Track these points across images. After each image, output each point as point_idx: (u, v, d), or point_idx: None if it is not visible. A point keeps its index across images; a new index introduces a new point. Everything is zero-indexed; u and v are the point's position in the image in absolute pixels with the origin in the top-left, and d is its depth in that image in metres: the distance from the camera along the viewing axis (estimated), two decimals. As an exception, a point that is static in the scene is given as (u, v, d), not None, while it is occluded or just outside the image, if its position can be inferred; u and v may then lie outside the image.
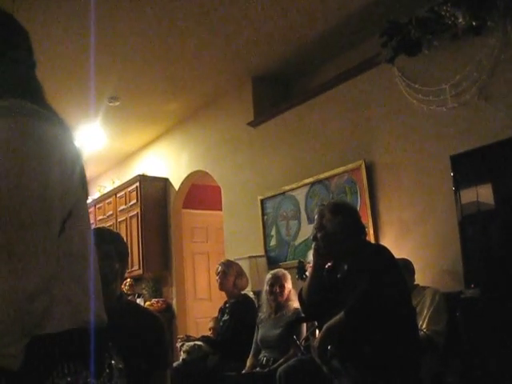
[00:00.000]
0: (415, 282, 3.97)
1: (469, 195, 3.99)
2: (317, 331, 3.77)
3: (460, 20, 4.00)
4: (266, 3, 4.77)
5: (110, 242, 2.47)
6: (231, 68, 6.10)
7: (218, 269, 5.04)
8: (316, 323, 3.77)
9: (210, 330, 5.72)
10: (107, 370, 1.21)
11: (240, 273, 5.03)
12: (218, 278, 4.98)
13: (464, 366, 3.65)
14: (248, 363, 4.48)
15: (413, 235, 3.49)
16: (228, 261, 5.17)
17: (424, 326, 3.67)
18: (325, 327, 2.76)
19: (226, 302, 5.06)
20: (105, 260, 2.37)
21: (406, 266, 3.87)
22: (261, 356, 4.43)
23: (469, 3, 3.95)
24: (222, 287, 4.97)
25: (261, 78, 6.33)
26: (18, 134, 1.09)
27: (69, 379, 1.09)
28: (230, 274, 4.93)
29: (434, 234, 4.32)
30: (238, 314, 4.78)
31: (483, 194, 3.90)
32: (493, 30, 3.94)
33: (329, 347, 2.70)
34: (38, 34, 4.90)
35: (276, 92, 6.41)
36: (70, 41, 5.09)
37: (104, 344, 1.25)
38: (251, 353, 4.54)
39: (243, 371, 4.39)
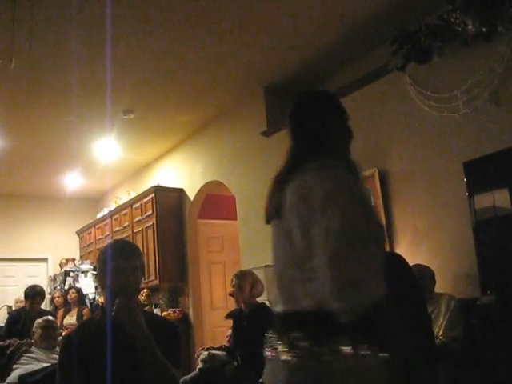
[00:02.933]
0: (431, 289, 3.97)
1: (483, 201, 3.99)
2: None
3: (470, 27, 4.01)
4: (279, 14, 4.82)
5: (138, 256, 2.50)
6: (244, 78, 6.15)
7: (232, 281, 5.03)
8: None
9: (227, 337, 5.71)
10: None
11: (255, 281, 5.02)
12: (232, 291, 4.96)
13: (481, 373, 3.64)
14: (265, 372, 4.48)
15: (427, 242, 3.50)
16: (241, 272, 5.16)
17: (440, 333, 3.67)
18: None
19: (241, 311, 5.06)
20: (134, 273, 2.40)
21: (428, 273, 3.87)
22: (278, 365, 4.42)
23: (478, 10, 3.96)
24: (237, 301, 4.95)
25: (273, 87, 6.37)
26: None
27: None
28: (245, 286, 4.93)
29: (449, 240, 4.31)
30: (256, 322, 4.78)
31: (497, 199, 3.90)
32: (503, 36, 3.95)
33: None
34: (54, 48, 5.00)
35: (289, 101, 6.41)
36: (86, 55, 5.18)
37: None
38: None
39: (260, 380, 4.40)
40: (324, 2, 4.71)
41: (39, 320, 4.76)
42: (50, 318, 4.91)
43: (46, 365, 4.31)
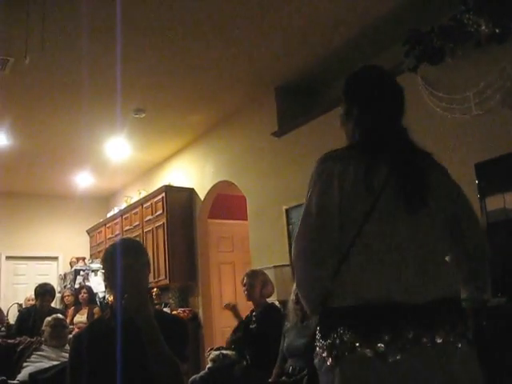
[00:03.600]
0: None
1: (494, 203, 3.97)
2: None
3: (483, 28, 4.00)
4: (290, 14, 4.82)
5: (145, 254, 2.53)
6: (255, 79, 6.15)
7: (243, 280, 5.05)
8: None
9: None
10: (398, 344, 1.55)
11: (265, 281, 5.04)
12: (244, 289, 4.99)
13: (491, 375, 3.62)
14: (274, 372, 4.48)
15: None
16: (252, 271, 5.18)
17: (450, 335, 3.65)
18: None
19: (252, 311, 5.07)
20: (143, 271, 2.43)
21: None
22: (287, 365, 4.43)
23: (491, 11, 3.95)
24: (249, 298, 4.98)
25: (284, 88, 6.37)
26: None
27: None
28: (256, 285, 4.94)
29: (460, 242, 4.30)
30: (265, 322, 4.79)
31: (508, 201, 3.88)
32: (516, 37, 3.93)
33: None
34: (66, 48, 5.03)
35: (299, 102, 6.44)
36: (97, 55, 5.21)
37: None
38: (277, 362, 4.54)
39: (269, 380, 4.40)
40: (335, 3, 4.70)
41: (49, 318, 4.78)
42: (60, 316, 4.93)
43: (55, 363, 4.34)
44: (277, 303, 5.35)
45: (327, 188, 1.73)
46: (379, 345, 1.55)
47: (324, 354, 1.64)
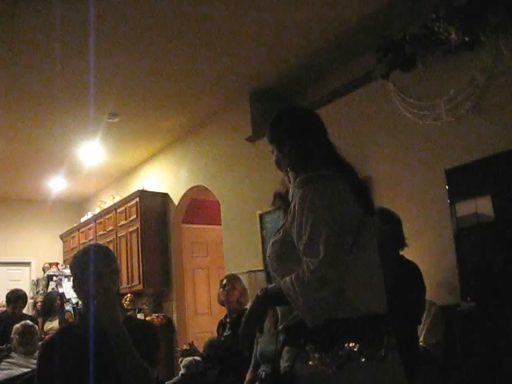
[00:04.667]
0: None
1: (464, 209, 4.02)
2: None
3: (453, 36, 4.05)
4: (263, 19, 4.83)
5: (114, 260, 2.52)
6: (229, 84, 6.15)
7: (223, 281, 5.00)
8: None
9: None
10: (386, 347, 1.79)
11: (245, 289, 5.03)
12: (224, 290, 4.94)
13: (461, 379, 3.66)
14: (247, 377, 4.48)
15: (409, 249, 3.51)
16: (234, 275, 5.15)
17: (421, 339, 3.69)
18: None
19: (226, 316, 5.05)
20: (113, 277, 2.42)
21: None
22: (260, 370, 4.42)
23: (462, 19, 4.00)
24: (227, 300, 4.93)
25: (258, 93, 6.38)
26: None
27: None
28: (237, 288, 4.93)
29: (430, 247, 4.34)
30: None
31: (479, 207, 3.93)
32: (485, 46, 3.98)
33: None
34: (38, 51, 4.98)
35: (274, 107, 6.43)
36: (70, 57, 5.15)
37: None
38: (250, 367, 4.54)
39: (242, 386, 4.40)
40: (308, 10, 4.72)
41: (17, 325, 4.72)
42: (29, 322, 4.86)
43: (26, 370, 4.28)
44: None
45: (339, 204, 1.83)
46: (380, 351, 1.77)
47: (323, 364, 1.74)
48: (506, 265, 3.79)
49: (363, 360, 1.73)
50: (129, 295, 8.03)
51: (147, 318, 7.49)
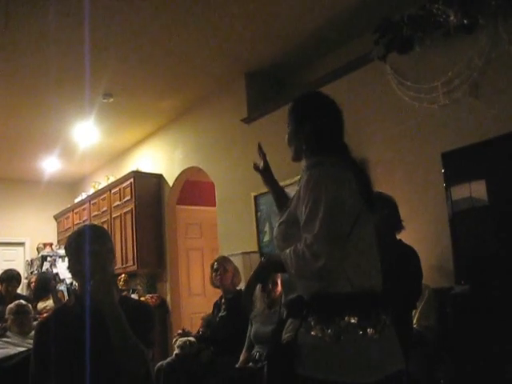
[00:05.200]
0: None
1: (460, 192, 4.03)
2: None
3: (452, 18, 4.02)
4: (260, 0, 4.79)
5: (110, 240, 2.53)
6: (224, 65, 6.11)
7: (214, 265, 5.02)
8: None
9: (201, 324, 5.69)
10: (383, 323, 1.89)
11: (237, 269, 5.05)
12: (217, 274, 4.95)
13: (454, 361, 3.69)
14: (241, 358, 4.51)
15: (404, 231, 3.52)
16: (224, 257, 5.18)
17: (414, 322, 3.71)
18: None
19: (221, 297, 5.07)
20: (109, 256, 2.43)
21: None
22: (254, 351, 4.45)
23: (460, 1, 3.98)
24: (220, 283, 4.95)
25: (254, 74, 6.35)
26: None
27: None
28: (229, 270, 4.95)
29: (425, 230, 4.35)
30: (236, 310, 4.79)
31: (474, 190, 3.94)
32: (484, 29, 3.96)
33: None
34: (32, 31, 4.93)
35: (269, 88, 6.43)
36: (65, 38, 5.10)
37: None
38: (244, 348, 4.57)
39: (236, 366, 4.43)
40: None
41: (11, 305, 4.70)
42: (23, 302, 4.84)
43: (21, 349, 4.28)
44: (244, 290, 5.35)
45: (341, 188, 1.91)
46: (377, 326, 1.87)
47: (324, 335, 1.84)
48: (499, 248, 3.82)
49: (361, 333, 1.83)
50: (123, 276, 8.03)
51: (141, 299, 7.50)
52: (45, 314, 5.72)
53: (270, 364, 2.09)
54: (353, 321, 1.84)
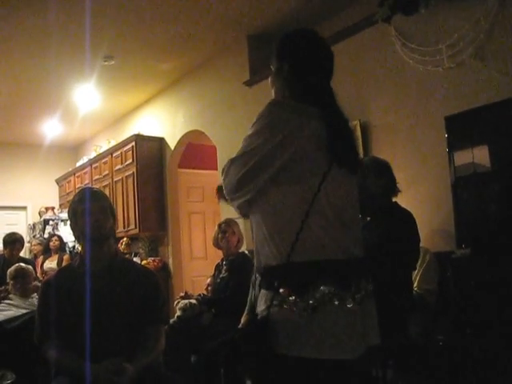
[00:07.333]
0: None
1: (463, 157, 4.00)
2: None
3: (458, -22, 3.95)
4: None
5: (103, 199, 2.55)
6: (227, 27, 6.03)
7: (222, 226, 5.00)
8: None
9: (206, 287, 5.76)
10: (363, 293, 1.74)
11: (241, 233, 5.06)
12: (224, 235, 4.93)
13: (454, 324, 3.72)
14: (242, 321, 4.54)
15: (405, 195, 3.51)
16: (232, 220, 5.15)
17: (415, 285, 3.73)
18: None
19: (222, 259, 5.09)
20: (104, 213, 2.45)
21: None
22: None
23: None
24: (227, 245, 4.95)
25: (256, 36, 6.27)
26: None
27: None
28: (236, 233, 4.95)
29: (427, 194, 4.35)
30: (237, 271, 4.81)
31: (477, 155, 3.91)
32: (491, -10, 3.89)
33: None
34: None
35: (271, 51, 6.34)
36: (65, 0, 5.02)
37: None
38: (246, 311, 4.60)
39: (239, 326, 4.46)
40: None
41: (10, 270, 4.74)
42: (22, 265, 4.86)
43: (25, 311, 4.33)
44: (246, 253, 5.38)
45: (276, 135, 1.79)
46: (356, 296, 1.72)
47: (298, 308, 1.68)
48: (501, 213, 3.82)
49: (336, 303, 1.67)
50: (125, 239, 8.08)
51: (143, 262, 7.55)
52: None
53: (245, 343, 1.79)
54: (327, 291, 1.67)
